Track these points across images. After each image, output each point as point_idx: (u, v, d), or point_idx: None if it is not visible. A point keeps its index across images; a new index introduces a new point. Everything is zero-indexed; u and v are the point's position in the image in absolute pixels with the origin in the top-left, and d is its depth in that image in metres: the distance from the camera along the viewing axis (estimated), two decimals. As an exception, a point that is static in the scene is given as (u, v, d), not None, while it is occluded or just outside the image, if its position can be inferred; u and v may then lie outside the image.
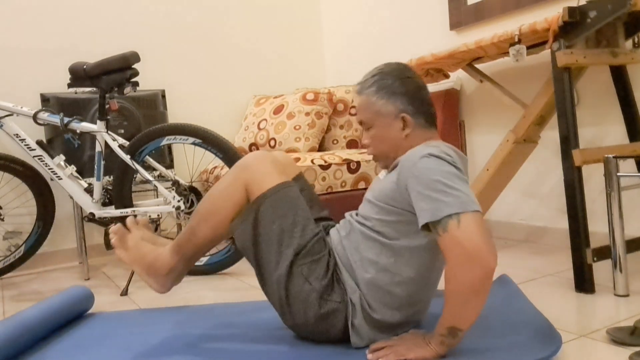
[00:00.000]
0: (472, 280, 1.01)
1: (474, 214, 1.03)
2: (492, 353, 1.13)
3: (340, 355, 1.18)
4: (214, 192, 1.30)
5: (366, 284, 1.19)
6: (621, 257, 1.52)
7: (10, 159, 2.25)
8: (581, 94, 2.09)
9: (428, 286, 1.23)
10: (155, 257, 1.33)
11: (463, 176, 1.10)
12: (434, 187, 1.06)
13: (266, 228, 1.21)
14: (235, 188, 1.26)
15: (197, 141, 2.03)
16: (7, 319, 1.35)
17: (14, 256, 2.32)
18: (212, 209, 1.29)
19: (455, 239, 1.02)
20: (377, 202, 1.20)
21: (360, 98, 1.29)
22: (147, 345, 1.34)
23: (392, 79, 1.26)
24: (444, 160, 1.10)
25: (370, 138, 1.28)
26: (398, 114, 1.25)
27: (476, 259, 1.00)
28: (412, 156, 1.13)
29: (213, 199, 1.29)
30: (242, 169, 1.27)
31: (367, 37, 3.15)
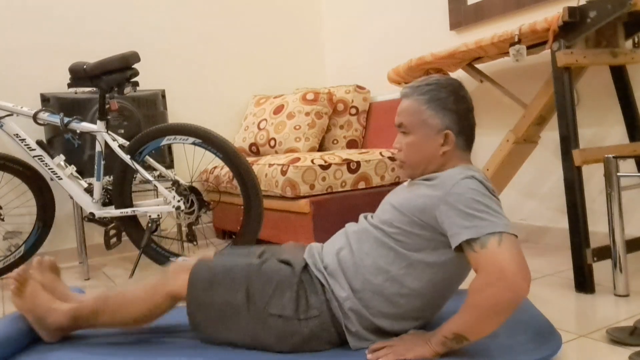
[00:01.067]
0: (499, 300, 1.01)
1: (514, 238, 1.05)
2: (492, 353, 1.13)
3: (341, 356, 1.18)
4: (129, 289, 1.30)
5: (372, 290, 1.18)
6: (621, 257, 1.52)
7: (11, 159, 2.25)
8: (581, 94, 2.09)
9: (431, 303, 1.22)
10: (47, 311, 1.32)
11: (500, 202, 1.12)
12: (477, 207, 1.07)
13: (212, 312, 1.22)
14: (154, 291, 1.26)
15: (197, 141, 2.03)
16: (5, 318, 1.35)
17: (14, 256, 2.32)
18: (123, 304, 1.28)
19: (494, 256, 1.02)
20: (403, 210, 1.18)
21: (408, 102, 1.25)
22: (146, 345, 1.34)
23: (447, 94, 1.24)
24: (485, 186, 1.12)
25: (406, 144, 1.25)
26: (442, 129, 1.23)
27: (509, 281, 1.00)
28: (455, 175, 1.13)
29: (127, 296, 1.29)
30: (162, 281, 1.28)
31: (367, 37, 3.15)
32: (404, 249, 1.18)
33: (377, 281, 1.18)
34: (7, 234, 2.55)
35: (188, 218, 2.07)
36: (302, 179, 2.18)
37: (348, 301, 1.19)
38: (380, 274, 1.18)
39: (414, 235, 1.17)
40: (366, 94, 2.97)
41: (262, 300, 1.19)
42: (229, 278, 1.22)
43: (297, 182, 2.18)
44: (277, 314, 1.18)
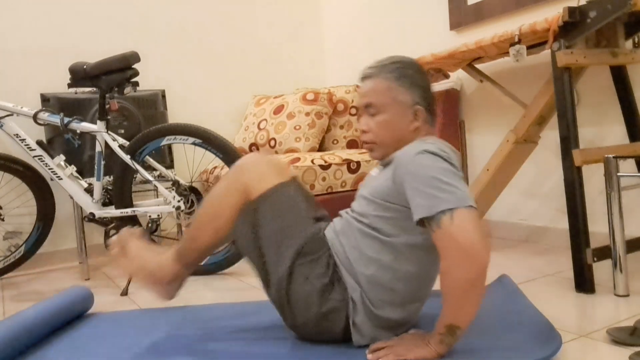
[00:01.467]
0: (467, 276, 1.01)
1: (468, 210, 1.04)
2: (492, 353, 1.13)
3: (341, 355, 1.18)
4: (212, 196, 1.29)
5: (367, 281, 1.19)
6: (621, 257, 1.52)
7: (11, 159, 2.25)
8: (581, 94, 2.09)
9: (428, 281, 1.23)
10: (157, 266, 1.33)
11: (458, 172, 1.10)
12: (430, 183, 1.06)
13: (266, 229, 1.21)
14: (234, 191, 1.26)
15: (197, 141, 2.03)
16: (7, 319, 1.35)
17: (14, 256, 2.32)
18: (212, 213, 1.28)
19: (448, 234, 1.02)
20: (373, 198, 1.19)
21: (376, 81, 1.24)
22: (147, 345, 1.34)
23: (413, 70, 1.25)
24: (439, 157, 1.10)
25: (376, 124, 1.24)
26: (412, 105, 1.24)
27: (470, 255, 1.01)
28: (408, 152, 1.13)
29: (212, 204, 1.29)
30: (239, 172, 1.26)
31: (367, 37, 3.15)
32: (387, 236, 1.18)
33: (370, 272, 1.19)
34: (7, 234, 2.55)
35: (188, 218, 2.07)
36: (302, 179, 2.18)
37: (355, 292, 1.20)
38: (372, 264, 1.19)
39: (391, 220, 1.17)
40: (366, 94, 2.96)
41: (307, 259, 1.20)
42: (300, 221, 1.22)
43: (297, 182, 2.18)
44: (309, 279, 1.19)
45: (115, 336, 1.43)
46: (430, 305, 1.40)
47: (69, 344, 1.39)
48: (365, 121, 1.27)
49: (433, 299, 1.50)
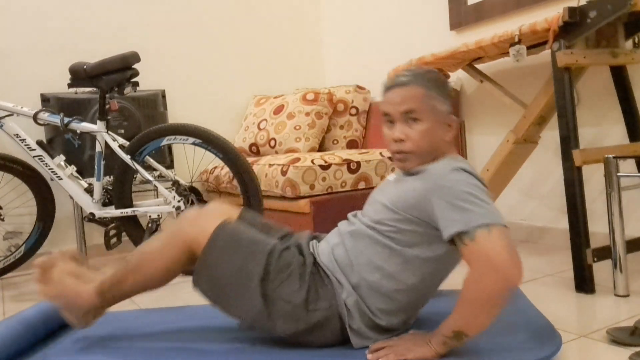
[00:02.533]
0: (493, 291, 1.01)
1: (503, 228, 1.05)
2: (492, 353, 1.13)
3: (341, 355, 1.18)
4: (146, 247, 1.29)
5: (368, 287, 1.19)
6: (621, 257, 1.52)
7: (11, 159, 2.25)
8: (581, 94, 2.09)
9: (427, 294, 1.23)
10: (75, 295, 1.31)
11: (489, 193, 1.12)
12: (466, 198, 1.07)
13: (222, 275, 1.20)
14: (171, 247, 1.24)
15: (197, 141, 2.03)
16: (7, 319, 1.35)
17: (14, 256, 2.32)
18: (145, 264, 1.27)
19: (483, 248, 1.02)
20: (393, 208, 1.17)
21: (417, 88, 1.19)
22: (147, 345, 1.34)
23: (444, 80, 1.24)
24: (473, 176, 1.12)
25: (417, 132, 1.19)
26: (448, 116, 1.22)
27: (502, 271, 1.00)
28: (442, 167, 1.13)
29: (144, 253, 1.27)
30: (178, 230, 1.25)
31: (367, 37, 3.15)
32: (399, 245, 1.17)
33: (373, 279, 1.18)
34: (7, 234, 2.55)
35: (188, 218, 2.07)
36: (302, 179, 2.18)
37: (350, 297, 1.19)
38: (376, 272, 1.18)
39: (409, 232, 1.16)
40: (366, 94, 2.97)
41: (276, 282, 1.18)
42: (251, 249, 1.21)
43: (297, 182, 2.18)
44: (287, 300, 1.17)
45: (115, 336, 1.42)
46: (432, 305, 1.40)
47: (69, 344, 1.39)
48: (402, 129, 1.21)
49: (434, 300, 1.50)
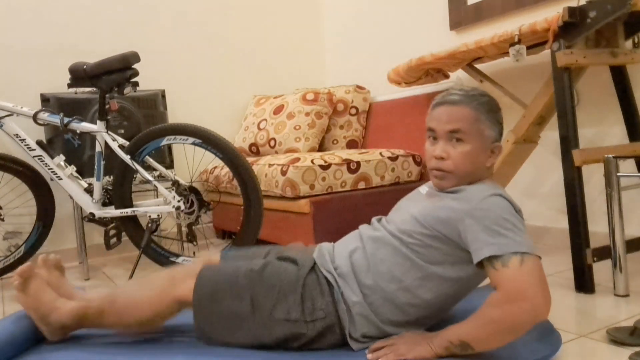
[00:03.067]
0: (517, 320, 1.01)
1: (537, 259, 1.05)
2: (492, 353, 1.13)
3: (341, 355, 1.18)
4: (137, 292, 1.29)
5: (383, 297, 1.18)
6: (621, 257, 1.52)
7: (10, 159, 2.25)
8: (581, 94, 2.09)
9: (439, 312, 1.22)
10: (51, 309, 1.32)
11: (524, 222, 1.12)
12: (503, 224, 1.07)
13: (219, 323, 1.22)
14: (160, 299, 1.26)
15: (197, 141, 2.03)
16: (5, 319, 1.35)
17: (14, 256, 2.32)
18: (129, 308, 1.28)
19: (515, 276, 1.02)
20: (424, 222, 1.17)
21: (467, 109, 1.19)
22: (146, 345, 1.34)
23: (497, 107, 1.22)
24: (510, 203, 1.12)
25: (459, 153, 1.18)
26: (493, 142, 1.22)
27: (530, 302, 1.00)
28: (480, 190, 1.13)
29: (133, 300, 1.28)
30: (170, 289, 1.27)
31: (367, 37, 3.15)
32: (422, 260, 1.17)
33: (389, 289, 1.18)
34: (7, 234, 2.55)
35: (188, 218, 2.07)
36: (302, 179, 2.18)
37: (357, 306, 1.18)
38: (394, 282, 1.17)
39: (434, 249, 1.16)
40: (366, 94, 2.96)
41: (267, 307, 1.19)
42: (232, 287, 1.22)
43: (297, 182, 2.18)
44: (284, 318, 1.17)
45: (115, 336, 1.42)
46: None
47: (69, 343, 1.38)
48: (444, 148, 1.20)
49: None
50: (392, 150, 2.47)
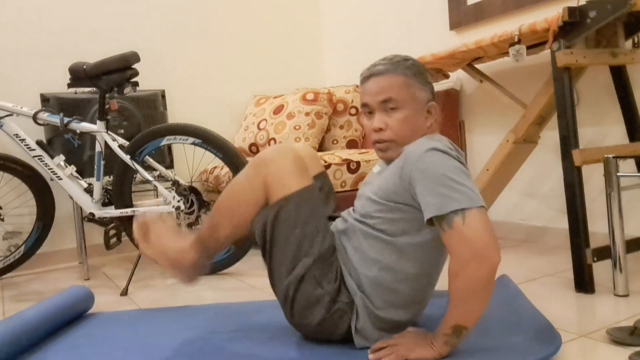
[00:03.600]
0: (478, 277, 1.02)
1: (480, 210, 1.04)
2: (492, 353, 1.13)
3: (343, 355, 1.18)
4: (234, 187, 1.26)
5: (370, 283, 1.19)
6: (621, 257, 1.52)
7: (10, 159, 2.25)
8: (581, 94, 2.09)
9: (430, 282, 1.23)
10: (178, 252, 1.31)
11: (467, 171, 1.10)
12: (441, 181, 1.06)
13: (287, 231, 1.19)
14: (256, 184, 1.22)
15: (197, 141, 2.03)
16: (7, 319, 1.35)
17: (13, 256, 2.32)
18: (234, 205, 1.26)
19: (460, 235, 1.02)
20: (378, 199, 1.18)
21: (394, 77, 1.19)
22: (146, 345, 1.34)
23: (423, 68, 1.24)
24: (449, 155, 1.09)
25: (396, 121, 1.20)
26: (427, 103, 1.23)
27: (481, 255, 1.01)
28: (416, 149, 1.11)
29: (234, 195, 1.26)
30: (263, 165, 1.22)
31: (367, 37, 3.15)
32: (390, 236, 1.17)
33: (372, 274, 1.18)
34: (7, 234, 2.55)
35: (188, 218, 2.07)
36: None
37: (357, 296, 1.19)
38: (373, 266, 1.18)
39: (396, 221, 1.16)
40: (366, 94, 2.96)
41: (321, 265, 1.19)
42: (317, 229, 1.20)
43: (297, 182, 2.17)
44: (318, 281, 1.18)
45: (115, 336, 1.43)
46: (431, 305, 1.40)
47: (69, 344, 1.39)
48: (381, 118, 1.21)
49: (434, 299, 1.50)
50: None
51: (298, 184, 1.21)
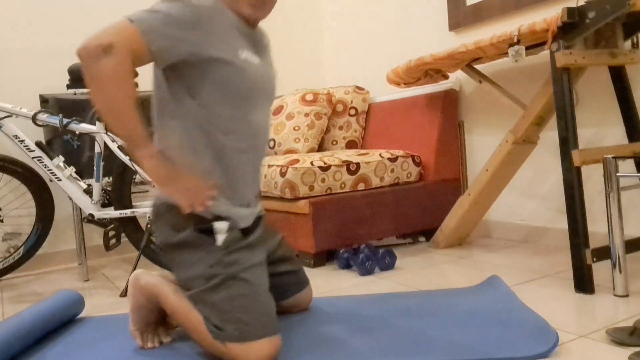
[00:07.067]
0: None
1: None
2: (488, 349, 1.13)
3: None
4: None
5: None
6: (620, 258, 1.52)
7: (10, 160, 2.25)
8: (580, 94, 2.09)
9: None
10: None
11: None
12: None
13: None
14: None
15: (197, 142, 2.03)
16: (5, 321, 1.34)
17: (13, 257, 2.32)
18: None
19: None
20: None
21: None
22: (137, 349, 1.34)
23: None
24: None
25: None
26: None
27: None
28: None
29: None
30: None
31: (367, 37, 3.16)
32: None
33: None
34: (6, 236, 2.55)
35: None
36: (301, 181, 2.18)
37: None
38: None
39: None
40: (365, 95, 2.97)
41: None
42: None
43: (296, 183, 2.18)
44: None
45: (113, 337, 1.42)
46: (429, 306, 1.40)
47: (66, 345, 1.38)
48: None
49: (429, 297, 1.50)
50: (392, 151, 2.47)
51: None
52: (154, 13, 1.16)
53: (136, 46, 1.14)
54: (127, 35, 1.12)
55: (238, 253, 1.23)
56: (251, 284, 1.20)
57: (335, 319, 1.44)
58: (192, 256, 1.23)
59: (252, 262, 1.23)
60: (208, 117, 1.24)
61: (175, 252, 1.26)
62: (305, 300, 1.53)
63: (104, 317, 1.65)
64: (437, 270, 1.96)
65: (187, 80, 1.23)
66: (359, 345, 1.24)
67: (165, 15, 1.16)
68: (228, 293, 1.18)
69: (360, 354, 1.18)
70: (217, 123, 1.25)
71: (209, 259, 1.21)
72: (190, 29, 1.17)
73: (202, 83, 1.22)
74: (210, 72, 1.21)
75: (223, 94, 1.23)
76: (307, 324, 1.42)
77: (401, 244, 2.51)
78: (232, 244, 1.24)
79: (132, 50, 1.14)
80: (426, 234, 2.53)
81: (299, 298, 1.51)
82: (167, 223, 1.26)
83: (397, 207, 2.37)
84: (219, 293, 1.18)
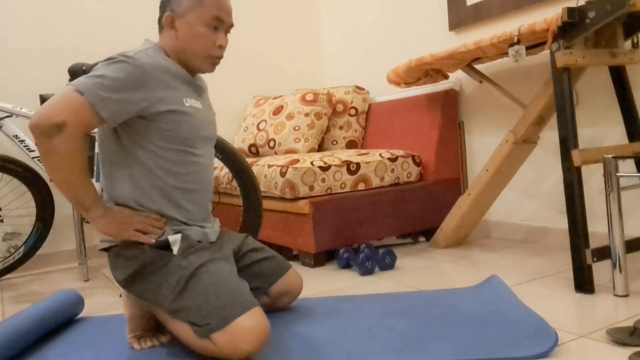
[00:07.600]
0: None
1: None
2: (491, 350, 1.13)
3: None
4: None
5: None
6: (621, 258, 1.52)
7: (10, 160, 2.25)
8: (580, 94, 2.09)
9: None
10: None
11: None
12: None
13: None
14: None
15: (197, 142, 2.03)
16: (4, 321, 1.34)
17: (13, 257, 2.32)
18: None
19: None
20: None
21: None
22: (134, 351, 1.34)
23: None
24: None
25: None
26: None
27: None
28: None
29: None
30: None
31: (367, 37, 3.16)
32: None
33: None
34: (6, 235, 2.55)
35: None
36: (301, 181, 2.18)
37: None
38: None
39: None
40: (365, 95, 2.97)
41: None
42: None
43: (296, 183, 2.18)
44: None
45: (106, 340, 1.42)
46: (428, 306, 1.40)
47: (65, 345, 1.38)
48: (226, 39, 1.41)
49: (429, 296, 1.50)
50: (392, 151, 2.47)
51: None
52: (101, 78, 1.20)
53: (87, 117, 1.19)
54: (77, 109, 1.17)
55: (193, 254, 1.26)
56: (214, 273, 1.22)
57: (335, 319, 1.44)
58: (156, 278, 1.26)
59: (210, 258, 1.26)
60: (157, 162, 1.29)
61: (137, 282, 1.28)
62: (293, 283, 1.53)
63: (104, 317, 1.65)
64: (437, 270, 1.96)
65: (136, 131, 1.28)
66: (358, 345, 1.24)
67: (112, 80, 1.20)
68: (196, 289, 1.19)
69: (360, 354, 1.18)
70: (167, 167, 1.30)
71: (169, 271, 1.24)
72: (137, 88, 1.23)
73: (150, 132, 1.28)
74: (158, 122, 1.28)
75: (171, 140, 1.30)
76: (307, 323, 1.42)
77: (401, 244, 2.51)
78: (187, 249, 1.28)
79: (84, 124, 1.19)
80: (426, 234, 2.53)
81: (287, 281, 1.52)
82: (122, 256, 1.30)
83: (397, 207, 2.37)
84: (187, 292, 1.20)
